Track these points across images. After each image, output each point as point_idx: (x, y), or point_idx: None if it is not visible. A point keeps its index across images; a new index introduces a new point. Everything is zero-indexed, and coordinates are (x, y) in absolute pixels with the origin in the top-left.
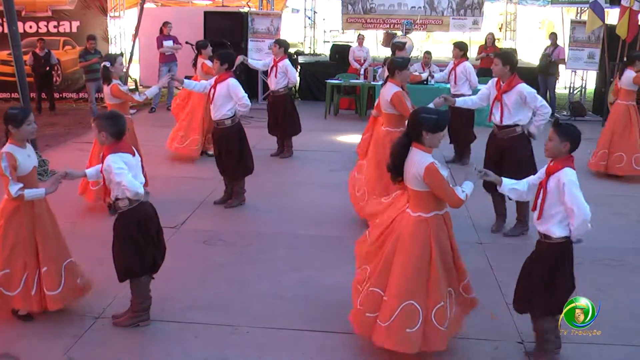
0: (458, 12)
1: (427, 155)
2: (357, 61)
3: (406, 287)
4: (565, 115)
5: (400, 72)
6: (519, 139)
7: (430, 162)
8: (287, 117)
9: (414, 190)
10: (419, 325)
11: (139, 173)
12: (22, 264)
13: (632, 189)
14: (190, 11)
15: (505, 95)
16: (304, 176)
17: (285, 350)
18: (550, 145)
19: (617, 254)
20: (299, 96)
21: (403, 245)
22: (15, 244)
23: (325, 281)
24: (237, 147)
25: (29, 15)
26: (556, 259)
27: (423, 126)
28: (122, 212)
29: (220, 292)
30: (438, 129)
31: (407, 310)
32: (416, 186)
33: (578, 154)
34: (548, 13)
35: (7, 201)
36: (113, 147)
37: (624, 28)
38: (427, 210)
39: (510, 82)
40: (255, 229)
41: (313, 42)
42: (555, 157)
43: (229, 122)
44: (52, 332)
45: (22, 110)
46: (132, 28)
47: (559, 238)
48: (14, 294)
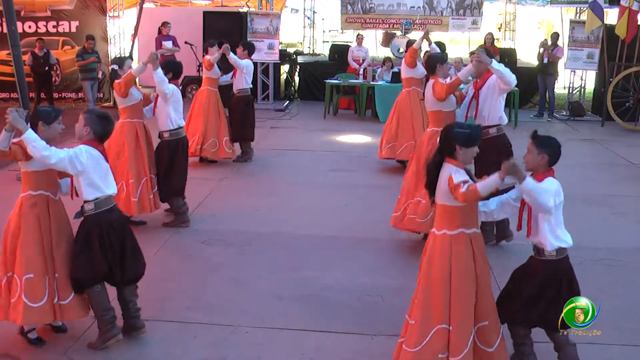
0: (457, 12)
1: (459, 170)
2: (356, 61)
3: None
4: (564, 115)
5: (442, 66)
6: (493, 140)
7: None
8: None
9: (441, 205)
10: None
11: (107, 177)
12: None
13: (631, 190)
14: (189, 11)
15: (481, 90)
16: (303, 176)
17: (284, 350)
18: (528, 157)
19: (617, 254)
20: (299, 96)
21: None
22: (34, 243)
23: (324, 281)
24: (166, 163)
25: (28, 15)
26: (547, 276)
27: (456, 140)
28: (86, 216)
29: (220, 292)
30: (471, 143)
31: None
32: (445, 200)
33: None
34: (547, 13)
35: (23, 199)
36: (89, 142)
37: (623, 28)
38: (452, 227)
39: (485, 76)
40: (255, 229)
41: (312, 42)
42: (535, 170)
43: (166, 134)
44: (52, 332)
45: (55, 109)
46: (131, 28)
47: (552, 251)
48: (39, 304)
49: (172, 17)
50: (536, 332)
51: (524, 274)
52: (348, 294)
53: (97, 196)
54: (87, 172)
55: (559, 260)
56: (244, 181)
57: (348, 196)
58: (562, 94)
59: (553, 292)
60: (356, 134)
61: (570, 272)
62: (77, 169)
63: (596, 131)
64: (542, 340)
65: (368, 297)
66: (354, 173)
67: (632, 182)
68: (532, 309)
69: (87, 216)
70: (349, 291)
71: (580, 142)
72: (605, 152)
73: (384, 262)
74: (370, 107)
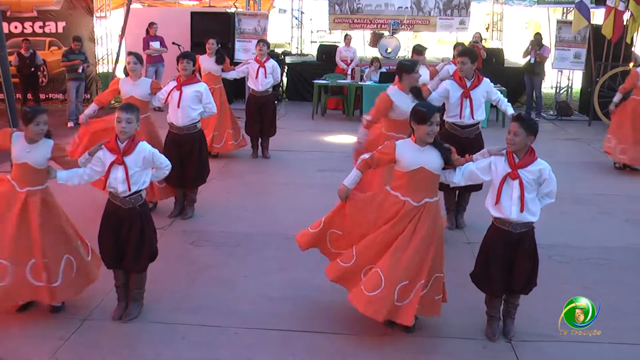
0: (445, 12)
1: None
2: (344, 61)
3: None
4: (551, 115)
5: (409, 76)
6: (480, 135)
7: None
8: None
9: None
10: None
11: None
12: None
13: (618, 189)
14: (177, 12)
15: (473, 91)
16: (291, 177)
17: (274, 350)
18: (517, 140)
19: (604, 253)
20: (287, 96)
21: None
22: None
23: (314, 282)
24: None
25: (14, 16)
26: (534, 243)
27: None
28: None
29: (209, 293)
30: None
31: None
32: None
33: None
34: (534, 13)
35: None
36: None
37: (610, 28)
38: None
39: (478, 77)
40: (243, 230)
41: (300, 42)
42: (520, 150)
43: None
44: (39, 333)
45: (33, 109)
46: (118, 28)
47: (534, 222)
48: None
49: (159, 17)
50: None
51: (520, 252)
52: (337, 295)
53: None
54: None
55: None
56: (233, 182)
57: (337, 196)
58: (550, 93)
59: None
60: (344, 134)
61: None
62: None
63: (583, 130)
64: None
65: None
66: (342, 173)
67: (619, 181)
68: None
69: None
70: (338, 291)
71: (567, 142)
72: (592, 152)
73: None
74: (359, 107)
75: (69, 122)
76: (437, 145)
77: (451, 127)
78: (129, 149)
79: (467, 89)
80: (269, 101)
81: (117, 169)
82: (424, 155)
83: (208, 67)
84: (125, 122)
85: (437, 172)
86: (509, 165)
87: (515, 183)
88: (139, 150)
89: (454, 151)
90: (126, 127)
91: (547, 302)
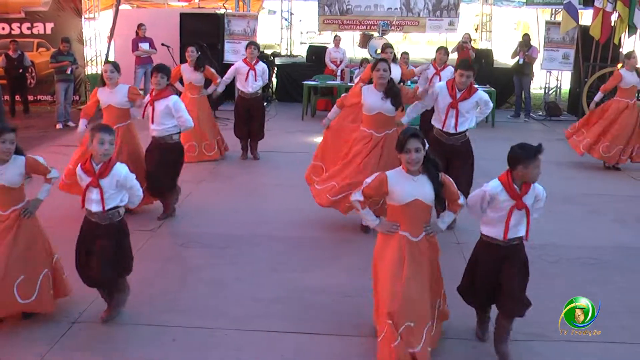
0: (434, 13)
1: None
2: (333, 62)
3: None
4: (540, 115)
5: (373, 72)
6: (468, 143)
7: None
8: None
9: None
10: None
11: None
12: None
13: (607, 188)
14: (166, 13)
15: (462, 103)
16: (281, 178)
17: (264, 352)
18: (536, 172)
19: (593, 252)
20: (277, 98)
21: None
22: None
23: (303, 283)
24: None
25: (1, 17)
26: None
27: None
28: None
29: (198, 294)
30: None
31: None
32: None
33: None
34: (523, 14)
35: None
36: None
37: (598, 29)
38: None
39: (470, 89)
40: (233, 231)
41: (290, 43)
42: (517, 180)
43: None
44: (27, 337)
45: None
46: (107, 30)
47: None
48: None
49: (148, 18)
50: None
51: (517, 267)
52: (328, 295)
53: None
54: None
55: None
56: (223, 183)
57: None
58: (538, 94)
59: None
60: None
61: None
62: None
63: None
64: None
65: (348, 299)
66: None
67: (608, 181)
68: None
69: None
70: (329, 292)
71: (556, 142)
72: None
73: (364, 263)
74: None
75: (58, 123)
76: (431, 176)
77: (437, 133)
78: (104, 171)
79: (455, 100)
80: (258, 103)
81: (92, 191)
82: (418, 187)
83: (189, 77)
84: (108, 144)
85: (430, 204)
86: (511, 197)
87: (522, 212)
88: (114, 173)
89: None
90: (109, 149)
91: (536, 301)
